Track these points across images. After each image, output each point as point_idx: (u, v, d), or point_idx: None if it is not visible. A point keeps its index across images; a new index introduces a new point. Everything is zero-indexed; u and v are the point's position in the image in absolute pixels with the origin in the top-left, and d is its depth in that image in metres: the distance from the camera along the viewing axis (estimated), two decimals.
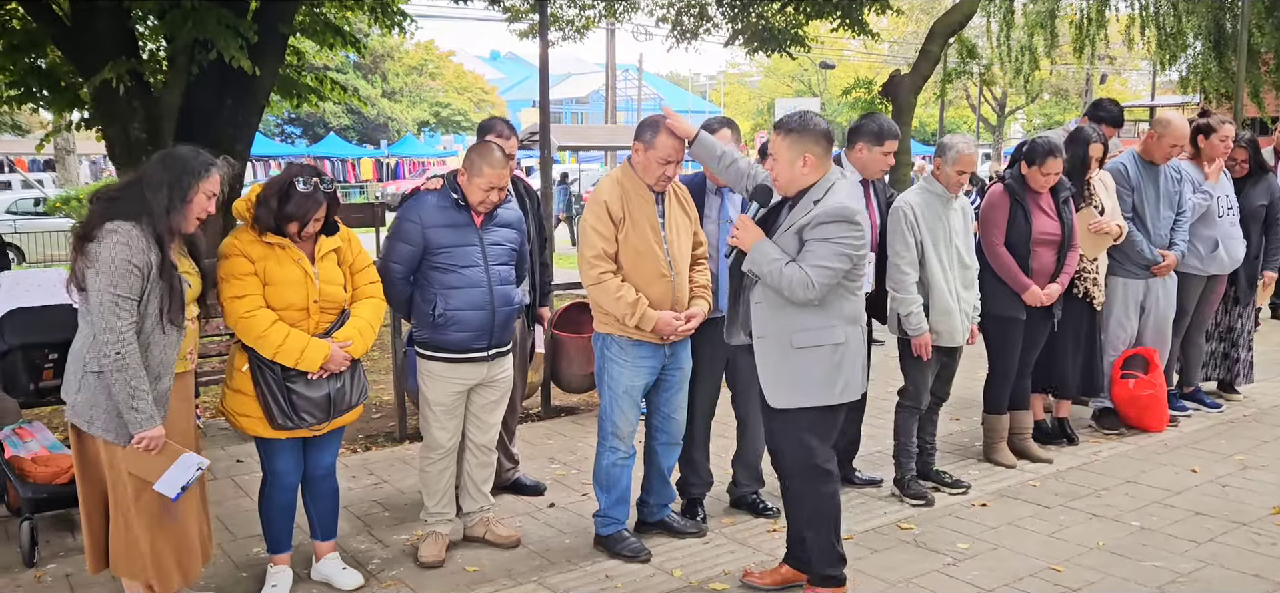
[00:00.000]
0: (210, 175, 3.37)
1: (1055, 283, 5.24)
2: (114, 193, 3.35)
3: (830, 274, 3.43)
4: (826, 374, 3.54)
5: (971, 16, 12.02)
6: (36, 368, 4.17)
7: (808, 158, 3.50)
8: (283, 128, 41.84)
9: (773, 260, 3.48)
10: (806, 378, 3.53)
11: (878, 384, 5.52)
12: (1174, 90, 23.55)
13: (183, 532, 3.49)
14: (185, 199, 3.30)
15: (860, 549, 4.33)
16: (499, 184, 4.00)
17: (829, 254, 3.43)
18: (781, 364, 3.56)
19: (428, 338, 4.05)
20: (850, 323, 3.57)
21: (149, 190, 3.26)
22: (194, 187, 3.32)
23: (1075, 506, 4.86)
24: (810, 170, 3.52)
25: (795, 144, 3.51)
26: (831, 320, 3.53)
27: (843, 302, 3.54)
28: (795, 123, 3.56)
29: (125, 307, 3.15)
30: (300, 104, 9.50)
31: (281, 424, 3.64)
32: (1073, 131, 5.68)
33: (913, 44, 30.81)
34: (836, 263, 3.43)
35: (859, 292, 3.62)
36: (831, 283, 3.45)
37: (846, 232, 3.43)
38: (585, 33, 14.33)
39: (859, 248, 3.46)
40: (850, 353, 3.57)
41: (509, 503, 4.87)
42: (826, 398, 3.56)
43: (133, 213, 3.22)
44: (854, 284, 3.57)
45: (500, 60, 75.11)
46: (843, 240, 3.43)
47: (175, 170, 3.31)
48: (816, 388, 3.54)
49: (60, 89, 8.06)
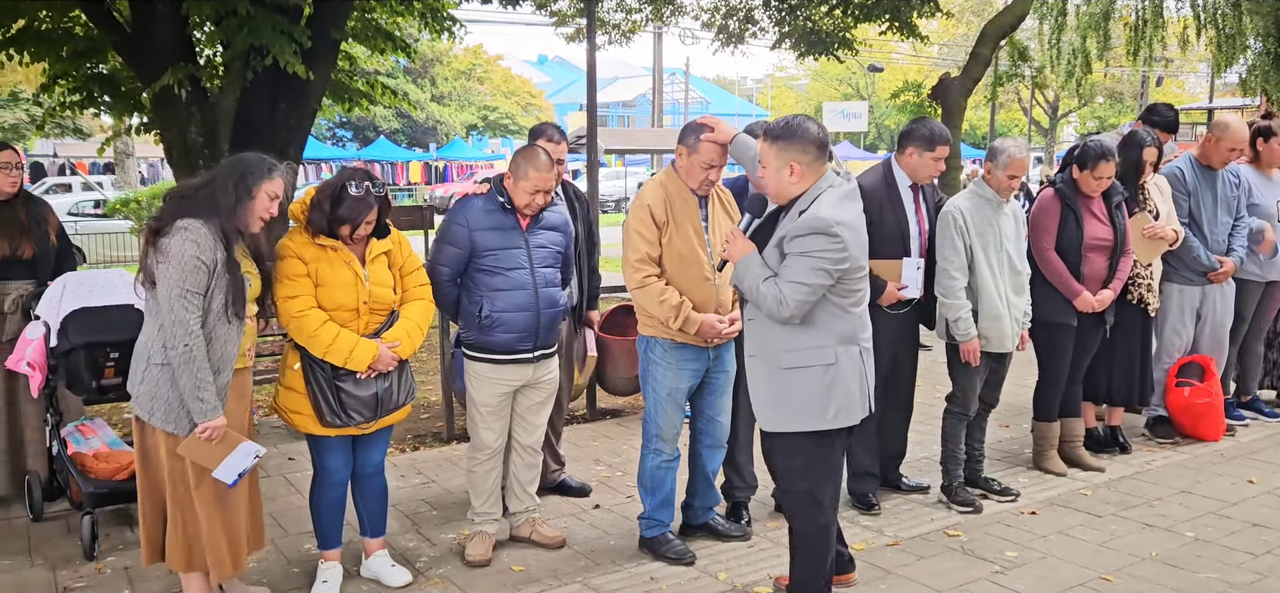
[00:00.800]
0: (273, 177, 3.49)
1: (1107, 289, 5.16)
2: (187, 192, 3.48)
3: (806, 291, 3.21)
4: (816, 397, 3.31)
5: (1023, 18, 11.87)
6: (98, 366, 4.28)
7: (794, 166, 3.30)
8: (334, 131, 42.46)
9: (754, 276, 3.32)
10: (794, 401, 3.33)
11: (925, 389, 5.48)
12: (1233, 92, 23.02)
13: (235, 521, 3.59)
14: (249, 196, 3.43)
15: (906, 556, 4.30)
16: (544, 187, 4.04)
17: (804, 269, 3.21)
18: (770, 385, 3.38)
19: (474, 339, 4.10)
20: (844, 342, 3.32)
21: (218, 189, 3.41)
22: (257, 186, 3.44)
23: (1127, 515, 4.78)
24: (797, 180, 3.31)
25: (781, 152, 3.31)
26: (822, 340, 3.30)
27: (835, 320, 3.31)
28: (780, 129, 3.35)
29: (193, 301, 3.28)
30: (351, 108, 9.63)
31: (330, 422, 3.71)
32: (1126, 135, 5.59)
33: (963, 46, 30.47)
34: (812, 279, 3.21)
35: (856, 308, 3.36)
36: (809, 300, 3.23)
37: (824, 245, 3.19)
38: (631, 36, 14.37)
39: (839, 262, 3.21)
40: (844, 374, 3.32)
41: (555, 504, 4.91)
42: (817, 422, 3.33)
43: (203, 211, 3.36)
44: (847, 301, 3.31)
45: (547, 64, 75.51)
46: (819, 255, 3.19)
47: (240, 171, 3.45)
48: (806, 412, 3.33)
49: (120, 94, 8.25)
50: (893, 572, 4.14)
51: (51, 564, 4.21)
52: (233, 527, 3.59)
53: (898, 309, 4.72)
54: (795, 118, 3.39)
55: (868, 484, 4.88)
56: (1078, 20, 17.39)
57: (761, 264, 3.34)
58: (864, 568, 4.18)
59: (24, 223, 4.76)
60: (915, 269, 4.67)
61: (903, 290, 4.65)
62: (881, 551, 4.37)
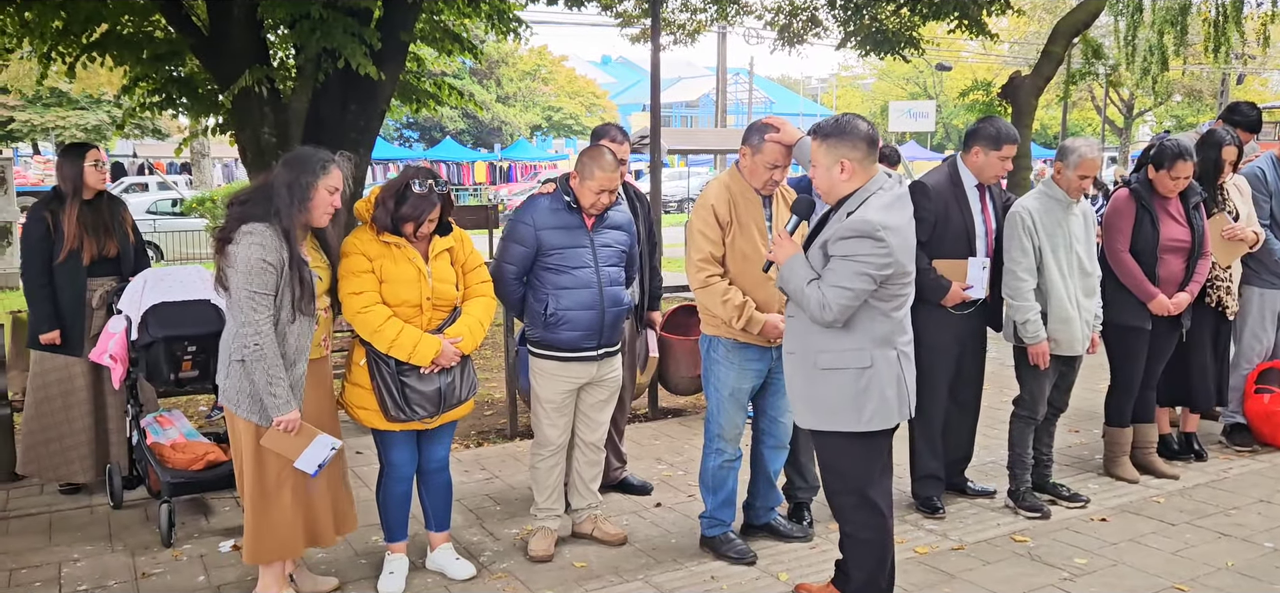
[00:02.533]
0: (329, 172, 3.56)
1: (1184, 291, 5.03)
2: (245, 197, 3.58)
3: (848, 296, 3.19)
4: (852, 399, 3.29)
5: (1097, 15, 11.63)
6: (176, 359, 4.41)
7: (845, 164, 3.27)
8: (401, 132, 43.14)
9: (799, 278, 3.30)
10: (829, 401, 3.33)
11: (993, 393, 5.40)
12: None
13: (318, 505, 3.73)
14: (306, 196, 3.51)
15: (971, 560, 4.25)
16: (609, 187, 4.07)
17: (847, 273, 3.18)
18: (807, 384, 3.37)
19: (539, 337, 4.15)
20: (881, 345, 3.28)
21: (275, 193, 3.49)
22: (313, 184, 3.52)
23: (1202, 524, 4.65)
24: (848, 178, 3.28)
25: (831, 150, 3.29)
26: (859, 342, 3.27)
27: (874, 322, 3.27)
28: (831, 127, 3.33)
29: (262, 302, 3.38)
30: (419, 108, 9.77)
31: (394, 416, 3.78)
32: (1205, 134, 5.44)
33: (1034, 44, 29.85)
34: (855, 284, 3.18)
35: (897, 313, 3.30)
36: (851, 305, 3.20)
37: (869, 248, 3.15)
38: (696, 36, 14.37)
39: (883, 267, 3.17)
40: (879, 378, 3.28)
41: (616, 502, 4.93)
42: (852, 424, 3.31)
43: (263, 214, 3.45)
44: (888, 304, 3.27)
45: (611, 64, 75.79)
46: (863, 258, 3.16)
47: (295, 170, 3.52)
48: (841, 413, 3.32)
49: (197, 96, 8.49)
50: (957, 576, 4.09)
51: (131, 551, 4.35)
52: (311, 506, 3.72)
53: (963, 310, 4.66)
54: (845, 116, 3.37)
55: (933, 488, 4.82)
56: (1154, 15, 16.90)
57: (806, 266, 3.32)
58: (927, 572, 4.13)
59: (108, 222, 4.93)
60: (981, 269, 4.60)
61: (968, 291, 4.58)
62: (946, 554, 4.32)
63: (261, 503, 3.58)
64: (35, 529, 4.61)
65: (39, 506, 4.91)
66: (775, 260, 3.46)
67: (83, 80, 19.73)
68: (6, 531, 4.60)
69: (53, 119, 30.08)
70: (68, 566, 4.20)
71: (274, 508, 3.59)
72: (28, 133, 31.22)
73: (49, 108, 29.97)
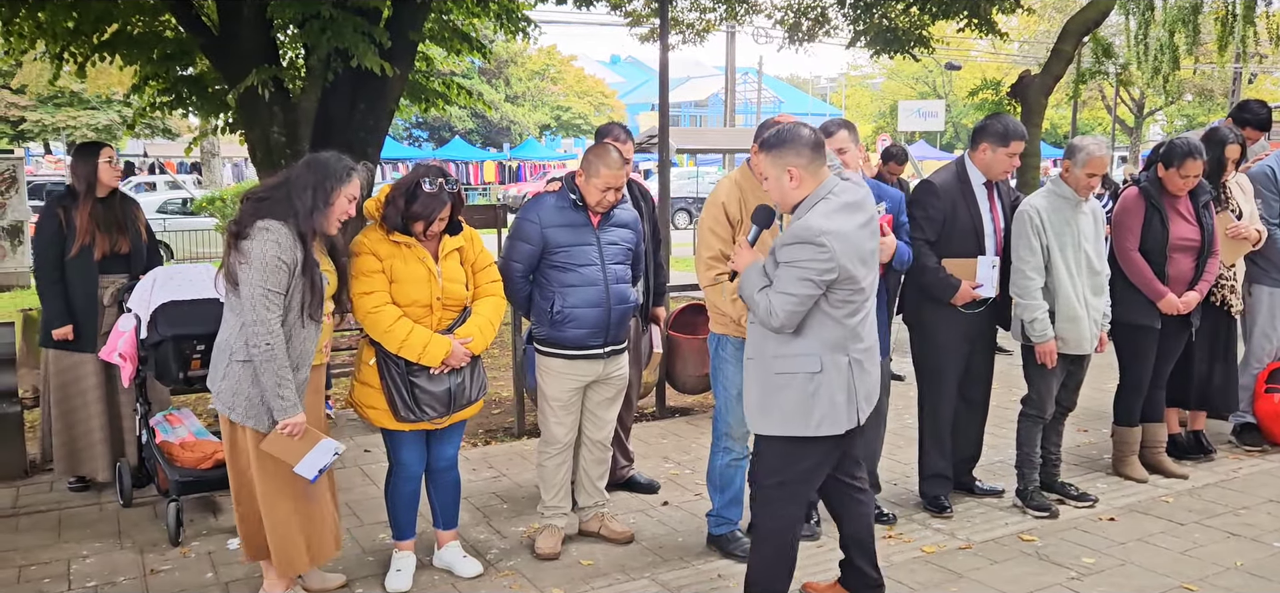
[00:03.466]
0: (350, 180, 3.54)
1: (1193, 291, 5.01)
2: (263, 194, 3.54)
3: (793, 301, 3.19)
4: (801, 404, 3.29)
5: (1107, 14, 11.55)
6: (186, 358, 4.42)
7: (792, 172, 3.26)
8: (410, 131, 43.19)
9: (752, 285, 3.32)
10: (780, 406, 3.32)
11: (1001, 392, 5.39)
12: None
13: (318, 514, 3.68)
14: (328, 202, 3.48)
15: (978, 559, 4.24)
16: (615, 185, 4.07)
17: (791, 279, 3.18)
18: (763, 391, 3.37)
19: (546, 335, 4.15)
20: (833, 351, 3.27)
21: (295, 192, 3.45)
22: (336, 190, 3.49)
23: (1211, 524, 4.63)
24: (798, 185, 3.27)
25: (777, 160, 3.29)
26: (810, 347, 3.27)
27: (825, 328, 3.26)
28: (773, 137, 3.33)
29: (274, 300, 3.35)
30: (428, 108, 9.79)
31: (404, 417, 3.79)
32: (1207, 132, 5.42)
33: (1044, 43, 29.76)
34: (799, 289, 3.18)
35: (850, 319, 3.28)
36: (797, 310, 3.21)
37: (810, 254, 3.14)
38: (705, 35, 14.35)
39: (825, 272, 3.15)
40: (828, 383, 3.27)
41: (623, 500, 4.94)
42: (801, 428, 3.31)
43: (281, 213, 3.42)
44: (839, 311, 3.26)
45: (619, 64, 75.82)
46: (805, 264, 3.15)
47: (319, 174, 3.49)
48: (790, 417, 3.31)
49: (207, 95, 8.52)
50: (964, 575, 4.08)
51: (139, 548, 4.37)
52: (316, 520, 3.69)
53: (972, 309, 4.65)
54: (786, 124, 3.38)
55: (940, 487, 4.81)
56: (1165, 15, 16.83)
57: (761, 274, 3.33)
58: (934, 571, 4.13)
59: (121, 219, 4.95)
60: (990, 268, 4.59)
61: (977, 290, 4.57)
62: (953, 553, 4.31)
63: (254, 510, 3.56)
64: (45, 526, 4.63)
65: (48, 502, 4.94)
66: (736, 269, 3.46)
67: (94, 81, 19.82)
68: (16, 527, 4.63)
69: (64, 119, 30.22)
70: (77, 562, 4.22)
71: (273, 517, 3.56)
72: (39, 133, 31.37)
73: (60, 108, 30.12)
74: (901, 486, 5.14)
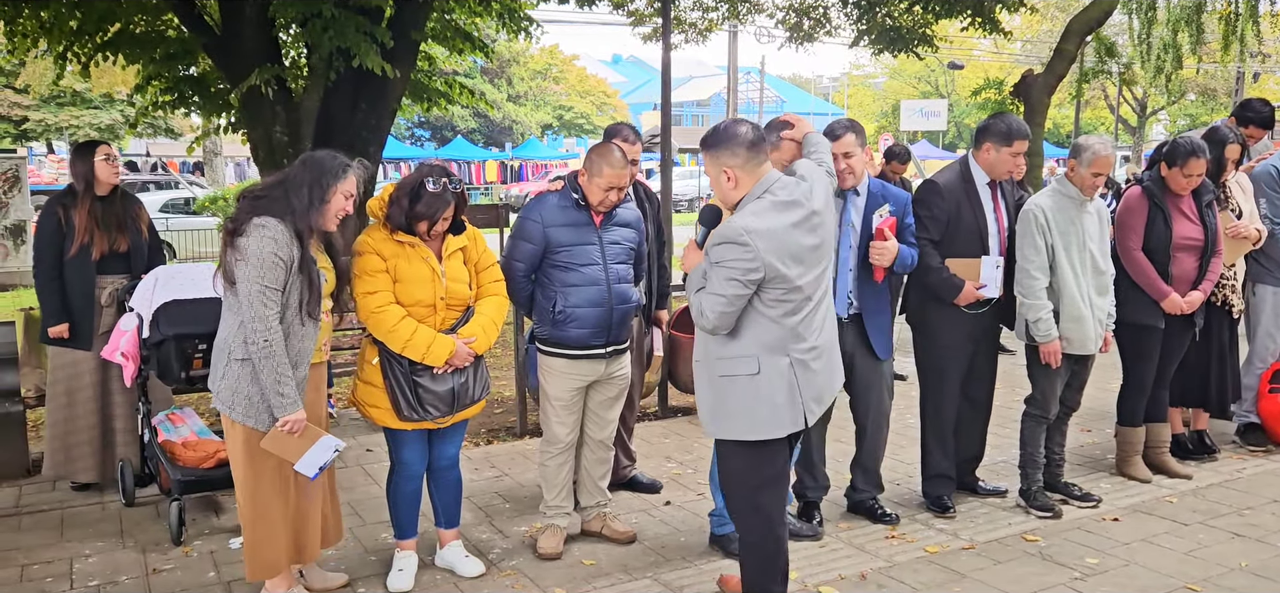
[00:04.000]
0: (347, 177, 3.53)
1: (1197, 290, 5.00)
2: (260, 192, 3.53)
3: (722, 302, 3.16)
4: (745, 407, 3.26)
5: (1110, 13, 11.54)
6: (187, 357, 4.42)
7: (728, 172, 3.25)
8: (413, 131, 43.22)
9: (692, 286, 3.30)
10: (727, 409, 3.30)
11: (1005, 392, 5.37)
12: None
13: (309, 512, 3.68)
14: (324, 199, 3.47)
15: (982, 560, 4.23)
16: (618, 184, 4.06)
17: (719, 279, 3.16)
18: (711, 393, 3.35)
19: (548, 334, 4.15)
20: (770, 353, 3.23)
21: (292, 190, 3.45)
22: (332, 188, 3.48)
23: (1215, 524, 4.62)
24: (736, 185, 3.25)
25: (715, 160, 3.27)
26: (747, 349, 3.24)
27: (761, 329, 3.22)
28: (711, 138, 3.31)
29: (272, 297, 3.34)
30: (430, 107, 9.80)
31: (407, 416, 3.78)
32: (1207, 132, 5.40)
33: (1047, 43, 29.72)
34: (726, 289, 3.14)
35: (789, 319, 3.22)
36: (727, 310, 3.17)
37: (734, 254, 3.11)
38: (708, 35, 14.34)
39: (751, 271, 3.11)
40: (768, 385, 3.23)
41: (626, 500, 4.93)
42: (748, 432, 3.29)
43: (277, 210, 3.41)
44: (774, 310, 3.20)
45: (622, 64, 75.80)
46: (730, 264, 3.12)
47: (315, 172, 3.48)
48: (737, 419, 3.29)
49: (209, 95, 8.54)
50: (967, 576, 4.07)
51: (141, 547, 4.37)
52: (302, 515, 3.68)
53: (976, 309, 4.63)
54: (724, 122, 3.35)
55: (943, 487, 4.80)
56: (1168, 14, 16.80)
57: (701, 275, 3.31)
58: (937, 571, 4.12)
59: (121, 218, 4.95)
60: (994, 268, 4.58)
61: (981, 290, 4.56)
62: (956, 554, 4.30)
63: (252, 513, 3.55)
64: (47, 526, 4.63)
65: (51, 502, 4.94)
66: (685, 270, 3.45)
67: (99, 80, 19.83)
68: (19, 527, 4.62)
69: (67, 119, 30.23)
70: (79, 562, 4.22)
71: (265, 520, 3.56)
72: (42, 132, 31.39)
73: (63, 107, 30.14)
74: (904, 486, 5.13)
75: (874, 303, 4.41)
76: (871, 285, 4.38)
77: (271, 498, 3.55)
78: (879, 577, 4.07)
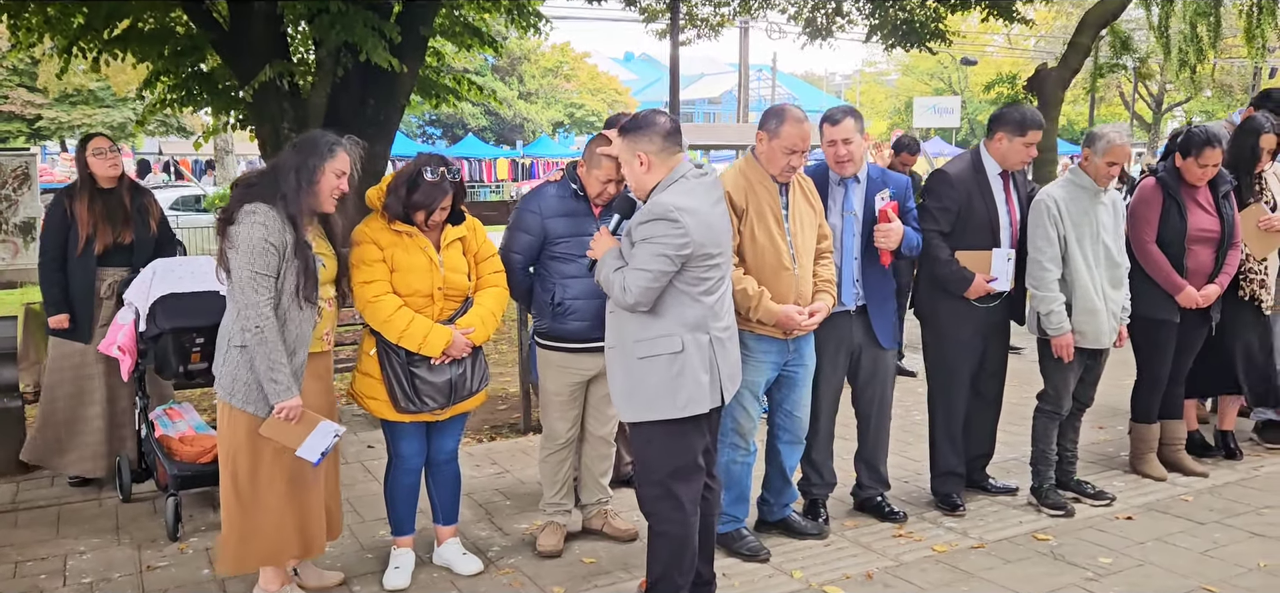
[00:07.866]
0: (336, 155, 3.50)
1: (1213, 284, 4.89)
2: (252, 180, 3.53)
3: (648, 277, 3.21)
4: (666, 386, 3.29)
5: (1125, 6, 11.41)
6: (185, 351, 4.37)
7: (641, 157, 3.33)
8: (423, 129, 43.27)
9: (608, 267, 3.34)
10: (646, 389, 3.32)
11: (1016, 388, 5.28)
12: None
13: (312, 504, 3.61)
14: (313, 180, 3.44)
15: (991, 559, 4.14)
16: (616, 177, 3.99)
17: (646, 256, 3.21)
18: (627, 377, 3.37)
19: (547, 328, 4.08)
20: (692, 330, 3.29)
21: (280, 174, 3.43)
22: (320, 167, 3.45)
23: (1232, 523, 4.51)
24: (648, 170, 3.33)
25: (630, 145, 3.35)
26: (669, 328, 3.29)
27: (683, 307, 3.29)
28: (629, 124, 3.39)
29: (263, 283, 3.31)
30: (439, 104, 9.76)
31: (404, 407, 3.72)
32: (1243, 121, 5.26)
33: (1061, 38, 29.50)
34: (654, 265, 3.20)
35: (707, 297, 3.32)
36: (652, 286, 3.22)
37: (665, 230, 3.19)
38: (720, 30, 14.28)
39: (681, 248, 3.19)
40: (691, 362, 3.28)
41: (627, 497, 4.83)
42: (668, 411, 3.31)
43: (268, 196, 3.39)
44: (696, 289, 3.29)
45: (633, 61, 75.74)
46: (660, 240, 3.19)
47: (303, 154, 3.47)
48: (656, 400, 3.31)
49: (218, 91, 8.52)
50: (977, 575, 3.98)
51: (136, 543, 4.32)
52: (309, 511, 3.62)
53: (986, 302, 4.54)
54: (645, 112, 3.44)
55: (952, 484, 4.71)
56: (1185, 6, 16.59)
57: (617, 257, 3.36)
58: (946, 570, 4.03)
59: (127, 211, 4.92)
60: (1006, 260, 4.48)
61: (992, 283, 4.46)
62: (965, 553, 4.21)
63: (251, 501, 3.48)
64: (43, 522, 4.59)
65: (47, 498, 4.90)
66: (595, 256, 3.48)
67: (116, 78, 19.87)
68: (15, 523, 4.59)
69: (79, 117, 30.39)
70: (73, 558, 4.17)
71: (261, 509, 3.49)
72: (56, 130, 31.57)
73: (76, 106, 30.30)
74: (912, 483, 5.04)
75: (880, 292, 4.32)
76: (878, 273, 4.30)
77: (268, 488, 3.49)
78: (886, 576, 3.99)
